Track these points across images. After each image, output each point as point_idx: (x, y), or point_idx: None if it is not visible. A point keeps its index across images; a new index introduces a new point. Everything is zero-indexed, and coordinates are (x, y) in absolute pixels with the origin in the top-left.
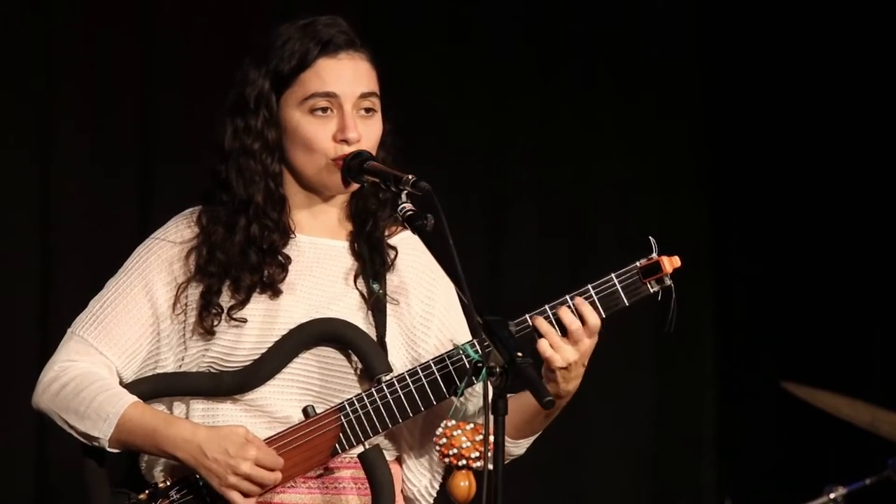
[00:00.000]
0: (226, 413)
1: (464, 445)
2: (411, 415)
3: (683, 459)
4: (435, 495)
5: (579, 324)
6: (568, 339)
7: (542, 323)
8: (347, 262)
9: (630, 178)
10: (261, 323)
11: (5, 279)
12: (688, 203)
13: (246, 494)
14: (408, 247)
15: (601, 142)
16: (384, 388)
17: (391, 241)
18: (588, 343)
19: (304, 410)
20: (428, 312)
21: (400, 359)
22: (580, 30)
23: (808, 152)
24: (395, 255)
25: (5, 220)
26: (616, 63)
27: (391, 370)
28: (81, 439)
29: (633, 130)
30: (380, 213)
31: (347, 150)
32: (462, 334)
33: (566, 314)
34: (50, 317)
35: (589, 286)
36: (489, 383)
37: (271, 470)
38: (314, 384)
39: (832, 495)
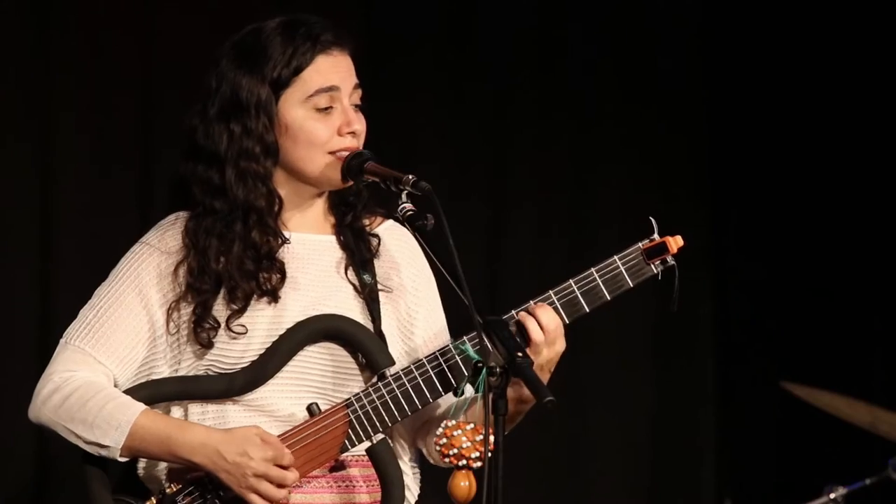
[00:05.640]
0: (229, 414)
1: (464, 445)
2: (420, 407)
3: (683, 459)
4: (419, 488)
5: (557, 322)
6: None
7: (529, 321)
8: (336, 255)
9: (630, 178)
10: (258, 326)
11: (5, 279)
12: (687, 203)
13: (266, 496)
14: (391, 237)
15: (601, 142)
16: (391, 381)
17: (373, 231)
18: (560, 345)
19: (309, 408)
20: (415, 303)
21: (396, 348)
22: (580, 30)
23: (808, 152)
24: (379, 243)
25: (5, 220)
26: (616, 63)
27: (394, 363)
28: (89, 449)
29: (633, 130)
30: (358, 202)
31: (350, 142)
32: (442, 329)
33: (544, 314)
34: (49, 316)
35: (592, 269)
36: (489, 383)
37: (288, 469)
38: (317, 381)
39: (832, 495)
